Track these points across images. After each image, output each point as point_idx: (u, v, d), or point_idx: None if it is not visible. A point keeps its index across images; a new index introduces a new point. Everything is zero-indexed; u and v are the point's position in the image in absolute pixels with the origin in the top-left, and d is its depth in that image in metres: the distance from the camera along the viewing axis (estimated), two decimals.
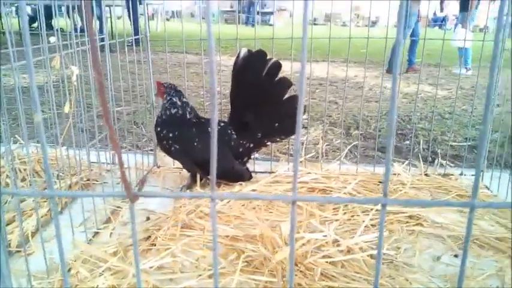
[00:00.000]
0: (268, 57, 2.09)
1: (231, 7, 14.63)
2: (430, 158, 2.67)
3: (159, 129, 2.16)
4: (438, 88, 5.78)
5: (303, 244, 1.66)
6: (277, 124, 2.20)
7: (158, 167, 2.55)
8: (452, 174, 2.43)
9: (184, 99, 2.18)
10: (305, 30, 0.47)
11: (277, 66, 2.10)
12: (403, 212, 1.94)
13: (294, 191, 0.53)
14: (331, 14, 3.37)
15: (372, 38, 2.26)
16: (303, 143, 3.10)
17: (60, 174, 2.17)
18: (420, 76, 6.68)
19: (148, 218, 1.93)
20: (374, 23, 16.96)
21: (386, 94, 5.33)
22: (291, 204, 0.55)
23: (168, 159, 2.57)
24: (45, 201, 1.96)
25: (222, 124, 2.24)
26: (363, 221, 1.85)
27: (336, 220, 1.88)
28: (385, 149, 3.24)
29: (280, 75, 2.12)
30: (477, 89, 2.53)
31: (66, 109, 1.62)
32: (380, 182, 2.28)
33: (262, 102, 2.14)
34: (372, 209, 1.93)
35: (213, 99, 0.48)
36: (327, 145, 3.23)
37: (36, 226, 1.73)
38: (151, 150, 2.74)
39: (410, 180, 2.26)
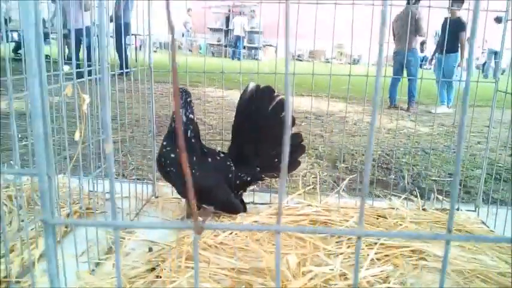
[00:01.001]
0: (275, 94, 2.13)
1: (218, 41, 14.89)
2: (416, 193, 2.74)
3: (164, 143, 2.12)
4: (420, 125, 6.00)
5: (311, 278, 1.65)
6: (276, 160, 2.22)
7: (156, 197, 2.52)
8: (449, 209, 2.46)
9: (190, 116, 2.11)
10: (287, 66, 0.49)
11: (283, 103, 2.14)
12: (406, 246, 1.95)
13: (278, 222, 0.55)
14: (315, 51, 3.50)
15: (353, 75, 2.35)
16: (293, 176, 3.11)
17: (60, 203, 2.12)
18: (403, 113, 6.86)
19: (150, 249, 1.89)
20: (357, 61, 17.47)
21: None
22: (276, 234, 0.57)
23: (167, 189, 2.55)
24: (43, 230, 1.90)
25: (222, 155, 2.25)
26: (368, 255, 1.85)
27: (341, 253, 1.88)
28: (370, 183, 3.30)
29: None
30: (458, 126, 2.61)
31: (76, 136, 1.60)
32: (379, 216, 2.29)
33: (265, 137, 2.17)
34: (376, 243, 1.94)
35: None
36: (313, 177, 3.26)
37: (28, 258, 1.67)
38: (150, 180, 2.72)
39: (410, 214, 2.29)
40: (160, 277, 1.66)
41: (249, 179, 2.24)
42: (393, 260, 1.87)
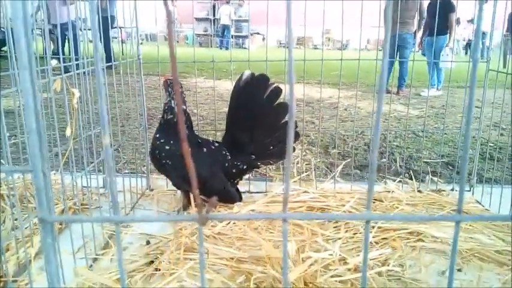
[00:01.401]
0: (270, 82, 2.12)
1: (205, 31, 14.75)
2: (407, 175, 2.76)
3: (157, 135, 2.10)
4: (410, 108, 6.01)
5: (311, 264, 1.65)
6: (271, 147, 2.21)
7: (151, 190, 2.50)
8: (444, 190, 2.48)
9: (183, 107, 2.12)
10: (291, 53, 0.48)
11: (278, 92, 2.13)
12: (404, 229, 1.96)
13: (284, 209, 0.54)
14: (303, 37, 3.48)
15: (345, 59, 2.33)
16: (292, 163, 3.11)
17: (54, 199, 2.09)
18: (393, 97, 6.86)
19: (148, 242, 1.88)
20: (345, 46, 17.41)
21: (361, 114, 5.51)
22: (283, 222, 0.55)
23: (161, 182, 2.53)
24: (37, 228, 1.88)
25: (217, 144, 2.23)
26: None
27: (339, 238, 1.88)
28: (363, 167, 3.30)
29: (279, 100, 2.14)
30: (447, 107, 2.64)
31: (68, 132, 1.57)
32: (375, 200, 2.30)
33: (260, 125, 2.16)
34: (373, 227, 1.94)
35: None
36: (306, 164, 3.25)
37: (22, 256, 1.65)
38: (143, 173, 2.69)
39: (406, 197, 2.30)
40: (160, 270, 1.65)
41: (245, 167, 2.22)
42: (391, 243, 1.88)
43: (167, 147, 2.06)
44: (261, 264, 1.66)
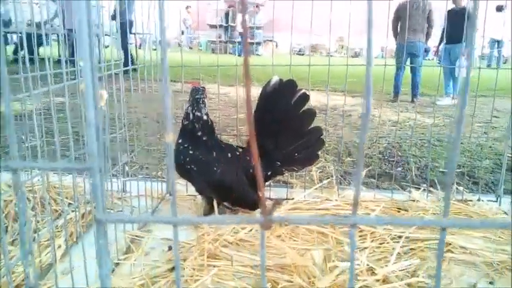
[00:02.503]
0: (298, 88, 2.09)
1: (219, 37, 14.83)
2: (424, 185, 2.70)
3: (180, 141, 2.08)
4: (425, 116, 5.93)
5: (339, 274, 1.60)
6: (296, 154, 2.18)
7: (170, 194, 2.47)
8: (470, 200, 2.41)
9: (197, 114, 2.06)
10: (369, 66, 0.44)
11: (305, 98, 2.10)
12: (432, 239, 1.91)
13: (354, 213, 0.50)
14: (316, 45, 3.46)
15: (351, 65, 2.30)
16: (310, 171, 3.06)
17: (71, 202, 2.08)
18: (407, 105, 6.79)
19: (170, 248, 1.85)
20: (358, 54, 17.37)
21: (375, 122, 5.45)
22: (351, 227, 0.52)
23: (181, 187, 2.50)
24: (59, 231, 1.86)
25: (240, 150, 2.20)
26: (393, 248, 1.81)
27: (365, 248, 1.83)
28: (378, 176, 3.22)
29: (306, 106, 2.12)
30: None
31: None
32: (400, 209, 2.25)
33: (286, 131, 2.13)
34: (400, 236, 1.89)
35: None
36: (320, 172, 3.20)
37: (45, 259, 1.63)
38: (163, 177, 2.66)
39: (432, 207, 2.24)
40: (183, 276, 1.62)
41: (269, 173, 2.19)
42: (419, 253, 1.82)
43: (191, 152, 2.04)
44: (287, 273, 1.62)
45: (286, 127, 2.11)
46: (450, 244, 1.89)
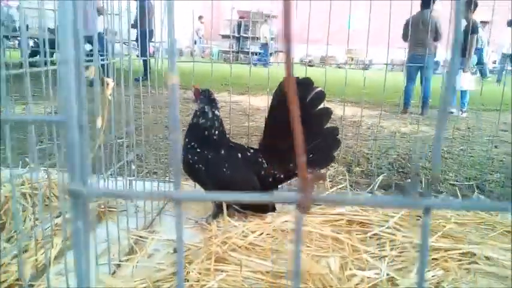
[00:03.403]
0: (314, 86, 1.99)
1: (231, 47, 14.82)
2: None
3: (187, 140, 2.00)
4: (434, 128, 5.75)
5: (357, 283, 1.48)
6: (311, 155, 2.06)
7: None
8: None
9: (216, 112, 2.02)
10: None
11: (321, 96, 2.00)
12: (455, 249, 1.77)
13: (427, 195, 0.40)
14: (327, 57, 3.36)
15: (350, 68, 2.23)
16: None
17: None
18: (417, 117, 6.68)
19: (175, 250, 1.73)
20: (368, 66, 17.23)
21: (384, 133, 5.33)
22: (425, 211, 0.41)
23: (188, 187, 2.40)
24: (59, 230, 1.76)
25: (252, 151, 2.10)
26: (414, 257, 1.68)
27: (385, 256, 1.70)
28: (387, 187, 3.08)
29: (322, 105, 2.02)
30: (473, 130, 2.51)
31: (99, 123, 1.45)
32: (419, 217, 2.12)
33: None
34: None
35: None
36: (330, 181, 3.08)
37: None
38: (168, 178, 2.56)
39: (453, 215, 2.11)
40: (188, 280, 1.50)
41: (282, 176, 2.08)
42: (442, 264, 1.69)
43: (198, 151, 1.94)
44: (302, 281, 1.50)
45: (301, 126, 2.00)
46: (475, 255, 1.76)
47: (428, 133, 5.44)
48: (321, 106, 2.03)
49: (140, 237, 1.81)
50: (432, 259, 1.71)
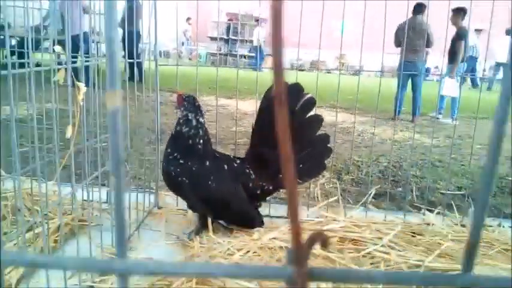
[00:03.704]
0: (304, 92, 1.88)
1: (219, 49, 14.69)
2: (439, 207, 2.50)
3: (169, 150, 1.86)
4: (425, 136, 5.72)
5: None
6: (301, 165, 1.95)
7: (159, 208, 2.24)
8: (490, 226, 2.18)
9: (201, 120, 1.89)
10: None
11: (312, 103, 1.90)
12: (454, 270, 1.67)
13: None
14: (317, 61, 3.27)
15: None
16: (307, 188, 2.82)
17: (48, 213, 1.83)
18: (407, 124, 6.63)
19: None
20: (358, 72, 17.20)
21: (375, 140, 5.24)
22: None
23: (171, 200, 2.27)
24: (31, 243, 1.62)
25: (238, 161, 1.97)
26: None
27: None
28: (378, 196, 2.97)
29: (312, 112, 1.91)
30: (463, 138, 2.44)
31: (68, 133, 1.32)
32: (414, 234, 2.01)
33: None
34: (419, 266, 1.66)
35: None
36: (319, 190, 2.97)
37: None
38: (152, 189, 2.42)
39: (449, 232, 2.01)
40: None
41: (270, 187, 1.96)
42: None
43: (181, 162, 1.81)
44: None
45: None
46: None
47: (419, 140, 5.38)
48: (312, 113, 1.93)
49: (116, 255, 1.67)
50: None
